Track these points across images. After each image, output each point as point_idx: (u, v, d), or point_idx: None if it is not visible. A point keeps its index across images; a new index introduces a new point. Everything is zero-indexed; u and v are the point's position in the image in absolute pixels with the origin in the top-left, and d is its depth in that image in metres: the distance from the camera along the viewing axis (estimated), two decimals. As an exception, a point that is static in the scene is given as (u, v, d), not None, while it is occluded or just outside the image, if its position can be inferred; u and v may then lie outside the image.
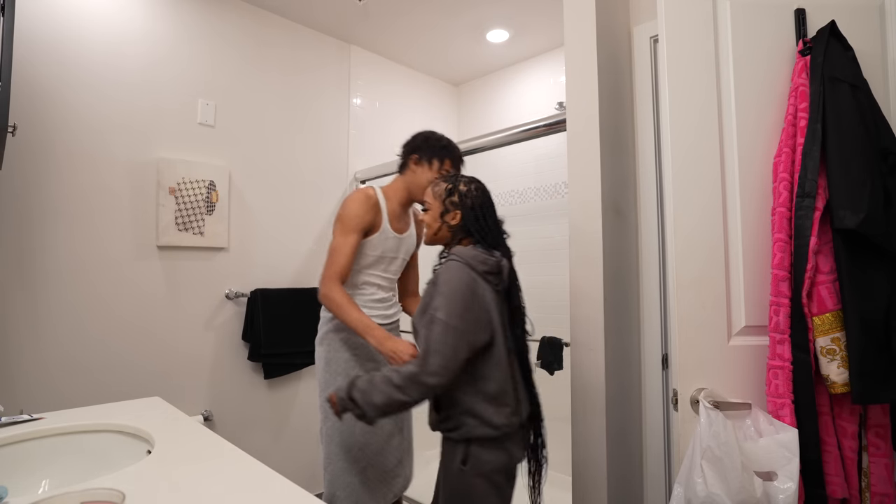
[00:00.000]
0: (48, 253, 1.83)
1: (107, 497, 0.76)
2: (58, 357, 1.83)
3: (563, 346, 2.30)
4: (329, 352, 1.53)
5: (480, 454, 1.18)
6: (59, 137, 1.86)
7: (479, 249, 1.25)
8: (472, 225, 1.27)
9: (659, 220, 1.59)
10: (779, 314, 1.05)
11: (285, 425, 2.43)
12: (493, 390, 1.19)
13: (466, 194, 1.29)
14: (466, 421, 1.19)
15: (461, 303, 1.16)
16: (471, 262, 1.21)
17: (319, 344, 1.57)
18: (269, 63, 2.46)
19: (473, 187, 1.31)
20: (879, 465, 1.04)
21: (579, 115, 1.57)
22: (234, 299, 2.29)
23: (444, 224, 1.30)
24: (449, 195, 1.30)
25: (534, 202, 2.89)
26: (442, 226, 1.30)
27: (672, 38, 1.18)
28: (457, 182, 1.31)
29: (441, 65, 3.11)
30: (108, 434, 1.17)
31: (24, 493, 1.00)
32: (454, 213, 1.29)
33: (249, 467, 0.91)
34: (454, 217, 1.29)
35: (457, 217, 1.29)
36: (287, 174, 2.51)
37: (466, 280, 1.18)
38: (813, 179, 1.04)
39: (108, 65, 1.98)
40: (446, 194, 1.30)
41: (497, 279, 1.24)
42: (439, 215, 1.30)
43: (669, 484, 1.53)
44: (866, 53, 1.14)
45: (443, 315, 1.15)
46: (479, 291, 1.19)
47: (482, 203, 1.30)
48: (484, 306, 1.20)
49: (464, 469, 1.18)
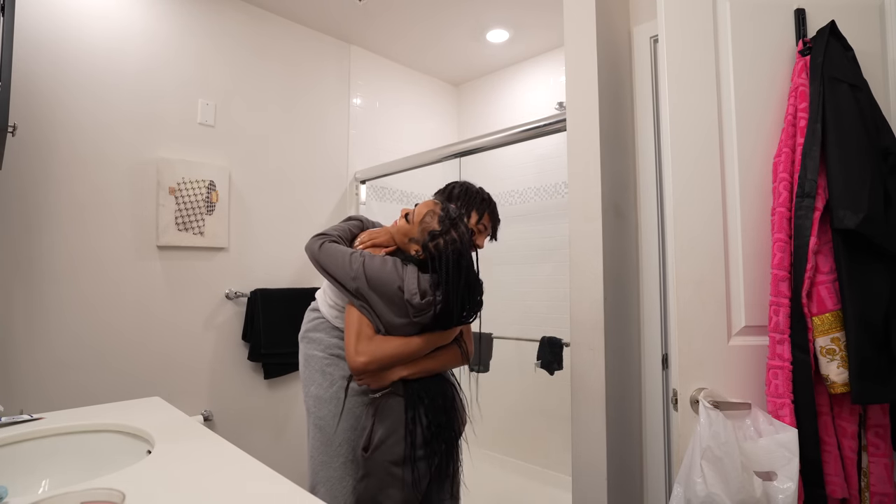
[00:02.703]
0: (48, 253, 1.83)
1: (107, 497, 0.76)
2: (58, 357, 1.83)
3: (563, 346, 2.30)
4: (307, 350, 1.56)
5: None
6: (59, 137, 1.86)
7: (425, 281, 1.22)
8: (441, 277, 1.23)
9: (659, 220, 1.59)
10: (778, 314, 1.05)
11: (285, 425, 2.43)
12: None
13: (445, 251, 1.22)
14: None
15: (382, 278, 1.22)
16: (403, 283, 1.21)
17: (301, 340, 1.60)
18: (270, 63, 2.46)
19: (452, 250, 1.22)
20: (879, 465, 1.04)
21: (579, 115, 1.57)
22: (234, 299, 2.29)
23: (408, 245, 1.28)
24: (431, 237, 1.23)
25: (534, 202, 2.89)
26: (407, 244, 1.29)
27: (672, 38, 1.18)
28: (446, 233, 1.23)
29: (441, 65, 3.11)
30: (108, 434, 1.17)
31: (24, 493, 1.00)
32: (418, 250, 1.25)
33: (249, 467, 0.92)
34: (417, 252, 1.26)
35: (419, 254, 1.25)
36: (287, 174, 2.51)
37: (391, 270, 1.23)
38: (813, 179, 1.04)
39: (108, 65, 1.98)
40: (428, 236, 1.23)
41: (416, 312, 1.22)
42: (409, 239, 1.28)
43: (669, 484, 1.53)
44: (866, 53, 1.14)
45: (362, 260, 1.23)
46: (396, 302, 1.22)
47: (454, 263, 1.22)
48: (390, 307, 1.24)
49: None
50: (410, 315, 1.22)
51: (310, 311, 1.61)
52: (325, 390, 1.49)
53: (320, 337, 1.55)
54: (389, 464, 1.24)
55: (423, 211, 1.27)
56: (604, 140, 1.53)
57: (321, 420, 1.48)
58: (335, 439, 1.47)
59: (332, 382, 1.50)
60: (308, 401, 1.51)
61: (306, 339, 1.58)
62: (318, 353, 1.54)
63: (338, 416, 1.47)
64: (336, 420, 1.48)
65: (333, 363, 1.53)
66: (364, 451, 1.28)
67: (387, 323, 1.25)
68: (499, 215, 1.59)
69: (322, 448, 1.48)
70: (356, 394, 1.52)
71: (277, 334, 2.29)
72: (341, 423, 1.47)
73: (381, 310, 1.24)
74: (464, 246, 1.24)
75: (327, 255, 1.29)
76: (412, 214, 1.29)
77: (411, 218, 1.29)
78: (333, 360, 1.53)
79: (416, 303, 1.20)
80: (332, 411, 1.47)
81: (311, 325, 1.58)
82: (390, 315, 1.24)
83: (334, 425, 1.47)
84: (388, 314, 1.24)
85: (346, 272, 1.25)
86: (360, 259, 1.25)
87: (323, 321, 1.54)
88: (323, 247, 1.31)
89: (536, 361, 2.37)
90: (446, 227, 1.23)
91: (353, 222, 1.45)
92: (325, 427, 1.47)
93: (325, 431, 1.47)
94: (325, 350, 1.53)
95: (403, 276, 1.23)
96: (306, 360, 1.55)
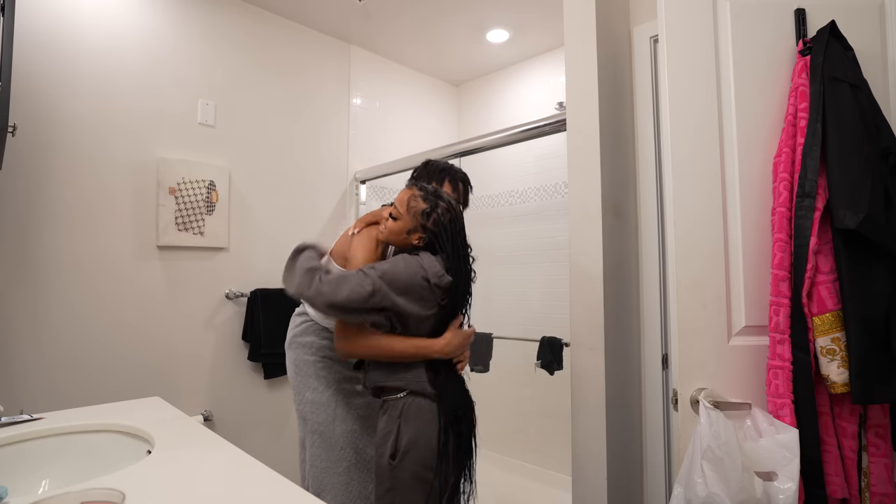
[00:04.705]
0: (48, 253, 1.83)
1: (107, 497, 0.76)
2: (58, 357, 1.83)
3: (563, 346, 2.30)
4: (297, 356, 1.53)
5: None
6: (59, 137, 1.86)
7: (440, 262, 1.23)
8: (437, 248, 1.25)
9: (659, 221, 1.59)
10: (779, 314, 1.05)
11: (285, 425, 2.43)
12: None
13: (440, 223, 1.25)
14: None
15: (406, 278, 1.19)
16: (427, 271, 1.21)
17: (288, 348, 1.56)
18: (270, 63, 2.46)
19: (449, 218, 1.26)
20: (879, 465, 1.04)
21: (579, 115, 1.57)
22: (234, 299, 2.29)
23: (407, 239, 1.28)
24: (425, 218, 1.25)
25: (534, 202, 2.89)
26: (406, 239, 1.28)
27: (672, 39, 1.18)
28: (436, 206, 1.26)
29: (441, 65, 3.11)
30: (108, 434, 1.17)
31: (24, 493, 1.00)
32: (419, 235, 1.26)
33: (249, 467, 0.91)
34: (420, 239, 1.27)
35: (420, 240, 1.27)
36: (287, 174, 2.51)
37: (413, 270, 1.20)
38: (813, 179, 1.04)
39: (108, 65, 1.98)
40: (423, 217, 1.25)
41: (444, 294, 1.23)
42: (407, 231, 1.27)
43: (669, 484, 1.53)
44: (866, 53, 1.14)
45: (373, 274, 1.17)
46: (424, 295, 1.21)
47: (452, 230, 1.26)
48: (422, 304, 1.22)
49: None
50: (438, 299, 1.22)
51: (296, 316, 1.57)
52: (321, 394, 1.46)
53: (310, 340, 1.52)
54: (422, 468, 1.19)
55: (405, 200, 1.28)
56: (604, 140, 1.53)
57: (320, 425, 1.45)
58: (336, 443, 1.45)
59: (328, 385, 1.48)
60: (304, 408, 1.48)
61: (295, 344, 1.53)
62: (310, 357, 1.50)
63: (336, 419, 1.45)
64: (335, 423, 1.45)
65: (327, 366, 1.50)
66: (391, 458, 1.20)
67: (416, 319, 1.23)
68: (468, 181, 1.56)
69: (324, 454, 1.45)
70: (355, 395, 1.50)
71: (277, 334, 2.28)
72: (342, 426, 1.45)
73: (410, 309, 1.20)
74: (454, 210, 1.28)
75: (335, 287, 1.16)
76: (396, 210, 1.29)
77: (398, 213, 1.28)
78: (327, 363, 1.50)
79: (444, 284, 1.21)
80: (330, 415, 1.45)
81: (299, 330, 1.54)
82: (420, 310, 1.22)
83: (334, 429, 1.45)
84: (418, 309, 1.22)
85: (361, 294, 1.15)
86: (372, 272, 1.18)
87: (311, 324, 1.51)
88: (323, 281, 1.18)
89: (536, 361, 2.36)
90: (433, 201, 1.26)
91: (308, 252, 1.31)
92: (325, 432, 1.45)
93: (325, 436, 1.45)
94: (316, 353, 1.50)
95: (423, 264, 1.22)
96: (298, 367, 1.51)
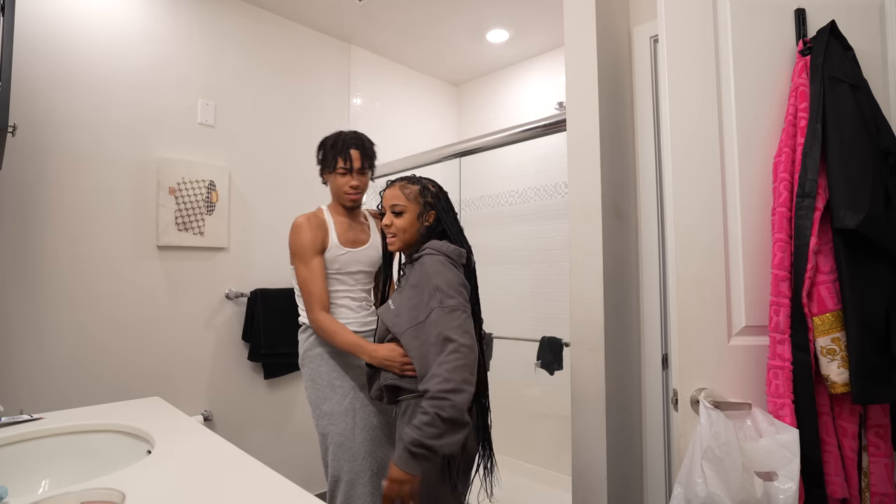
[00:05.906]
0: (48, 253, 1.83)
1: (107, 497, 0.75)
2: (58, 357, 1.83)
3: (563, 346, 2.30)
4: (311, 371, 1.54)
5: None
6: (59, 138, 1.86)
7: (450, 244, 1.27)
8: (447, 222, 1.30)
9: (659, 220, 1.59)
10: (779, 314, 1.05)
11: (285, 425, 2.43)
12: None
13: (438, 194, 1.32)
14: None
15: (459, 291, 1.19)
16: (451, 256, 1.24)
17: (302, 366, 1.58)
18: (269, 63, 2.46)
19: (438, 187, 1.34)
20: (879, 465, 1.04)
21: (579, 114, 1.57)
22: (234, 299, 2.29)
23: (420, 225, 1.30)
24: (424, 195, 1.30)
25: (534, 202, 2.89)
26: (418, 227, 1.30)
27: (672, 39, 1.18)
28: (423, 182, 1.32)
29: (441, 65, 3.11)
30: (108, 434, 1.17)
31: (24, 493, 1.00)
32: (430, 214, 1.30)
33: (249, 467, 0.91)
34: (429, 217, 1.30)
35: (431, 217, 1.30)
36: (287, 174, 2.51)
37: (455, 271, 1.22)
38: (813, 179, 1.04)
39: (108, 65, 1.98)
40: (421, 196, 1.30)
41: (465, 271, 1.28)
42: (416, 217, 1.29)
43: (669, 484, 1.53)
44: (866, 53, 1.14)
45: (454, 302, 1.16)
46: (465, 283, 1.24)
47: (444, 196, 1.34)
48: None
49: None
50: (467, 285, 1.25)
51: (301, 333, 1.60)
52: (338, 404, 1.48)
53: (321, 352, 1.54)
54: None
55: (398, 194, 1.31)
56: (604, 140, 1.53)
57: (340, 436, 1.46)
58: (359, 453, 1.46)
59: (345, 394, 1.49)
60: (322, 422, 1.49)
61: (307, 359, 1.55)
62: (324, 368, 1.52)
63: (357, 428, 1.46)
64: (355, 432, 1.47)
65: (341, 375, 1.52)
66: (454, 488, 1.21)
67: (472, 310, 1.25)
68: (356, 143, 1.56)
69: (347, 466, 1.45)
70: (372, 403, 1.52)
71: (277, 334, 2.29)
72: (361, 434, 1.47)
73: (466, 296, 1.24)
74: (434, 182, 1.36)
75: (455, 361, 1.09)
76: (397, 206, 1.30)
77: (401, 206, 1.30)
78: (340, 373, 1.52)
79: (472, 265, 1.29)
80: (349, 423, 1.46)
81: (308, 345, 1.56)
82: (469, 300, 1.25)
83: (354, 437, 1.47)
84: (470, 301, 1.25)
85: (460, 323, 1.14)
86: (431, 292, 1.17)
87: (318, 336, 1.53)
88: (451, 368, 1.08)
89: (536, 361, 2.37)
90: (417, 180, 1.33)
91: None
92: (345, 442, 1.46)
93: (345, 447, 1.46)
94: (328, 362, 1.52)
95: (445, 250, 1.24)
96: (313, 381, 1.53)
